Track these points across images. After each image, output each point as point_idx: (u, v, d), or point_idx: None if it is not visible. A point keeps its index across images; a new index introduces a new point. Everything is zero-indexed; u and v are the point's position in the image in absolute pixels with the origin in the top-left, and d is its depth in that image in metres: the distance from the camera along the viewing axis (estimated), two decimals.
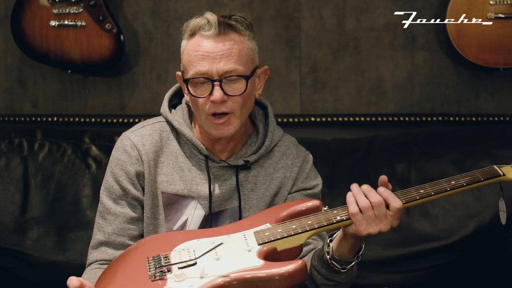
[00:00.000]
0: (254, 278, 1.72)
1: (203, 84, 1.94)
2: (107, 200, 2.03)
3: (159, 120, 2.10)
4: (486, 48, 2.95)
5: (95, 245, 2.03)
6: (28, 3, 3.02)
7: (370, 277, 2.67)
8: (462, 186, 1.82)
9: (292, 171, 2.09)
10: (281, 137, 2.12)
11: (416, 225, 2.69)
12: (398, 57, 3.12)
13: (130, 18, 3.13)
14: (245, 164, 2.04)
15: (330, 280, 1.91)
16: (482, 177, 1.83)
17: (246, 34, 1.98)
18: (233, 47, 1.95)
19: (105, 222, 2.02)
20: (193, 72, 1.95)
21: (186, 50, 1.99)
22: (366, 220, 1.78)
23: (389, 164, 2.75)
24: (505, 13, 2.91)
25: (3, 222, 2.73)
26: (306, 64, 3.13)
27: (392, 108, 3.12)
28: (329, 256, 1.87)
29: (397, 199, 1.79)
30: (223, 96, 1.92)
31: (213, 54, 1.93)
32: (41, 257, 2.70)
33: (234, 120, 1.96)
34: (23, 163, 2.79)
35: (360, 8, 3.11)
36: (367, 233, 1.78)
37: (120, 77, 3.16)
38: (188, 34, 1.99)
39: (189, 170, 2.03)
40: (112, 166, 2.05)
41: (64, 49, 3.03)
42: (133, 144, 2.03)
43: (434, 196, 1.81)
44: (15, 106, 3.20)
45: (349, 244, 1.85)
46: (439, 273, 2.68)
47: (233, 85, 1.94)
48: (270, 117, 2.10)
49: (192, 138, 2.03)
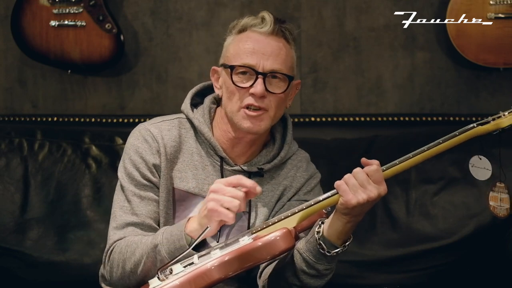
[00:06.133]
0: (243, 251, 1.78)
1: (246, 75, 1.98)
2: (130, 185, 2.03)
3: (179, 116, 2.11)
4: (486, 48, 2.95)
5: (120, 226, 2.01)
6: (28, 3, 3.02)
7: (370, 277, 2.67)
8: (439, 144, 1.86)
9: (298, 182, 2.11)
10: (295, 151, 2.15)
11: (416, 225, 2.70)
12: (398, 57, 3.12)
13: (130, 18, 3.13)
14: (259, 172, 2.06)
15: (311, 267, 1.91)
16: (457, 132, 1.87)
17: (293, 45, 2.04)
18: (282, 49, 2.00)
19: (131, 204, 2.01)
20: (240, 62, 1.98)
21: (233, 43, 2.02)
22: (351, 189, 1.81)
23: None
24: (505, 13, 2.91)
25: (3, 222, 2.73)
26: (306, 64, 3.13)
27: (392, 108, 3.12)
28: (318, 235, 1.89)
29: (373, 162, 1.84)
30: (264, 91, 1.96)
31: (263, 50, 1.97)
32: (41, 257, 2.70)
33: (267, 118, 1.99)
34: (23, 163, 2.79)
35: (360, 8, 3.11)
36: (357, 202, 1.80)
37: (120, 77, 3.16)
38: (238, 30, 2.03)
39: (203, 169, 2.05)
40: (131, 153, 2.05)
41: (64, 49, 3.03)
42: (153, 136, 2.05)
43: (413, 158, 1.85)
44: (15, 106, 3.20)
45: (341, 223, 1.86)
46: (439, 273, 2.68)
47: (275, 83, 1.98)
48: (289, 130, 2.13)
49: (210, 138, 2.04)
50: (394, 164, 1.85)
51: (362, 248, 2.67)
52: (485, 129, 1.88)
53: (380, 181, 1.82)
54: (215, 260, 1.77)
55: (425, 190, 2.72)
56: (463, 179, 2.69)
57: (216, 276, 1.76)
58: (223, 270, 1.76)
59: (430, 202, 2.71)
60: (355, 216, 1.85)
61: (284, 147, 2.10)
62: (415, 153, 1.86)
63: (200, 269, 1.77)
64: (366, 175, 1.81)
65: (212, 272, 1.76)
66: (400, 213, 2.71)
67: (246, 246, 1.79)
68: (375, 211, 2.71)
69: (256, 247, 1.78)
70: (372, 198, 1.81)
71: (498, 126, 1.89)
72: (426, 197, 2.71)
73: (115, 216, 2.03)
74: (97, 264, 2.19)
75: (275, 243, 1.78)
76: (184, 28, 3.14)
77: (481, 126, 1.88)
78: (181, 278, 1.78)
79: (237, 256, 1.77)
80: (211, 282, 1.76)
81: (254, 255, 1.78)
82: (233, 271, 1.77)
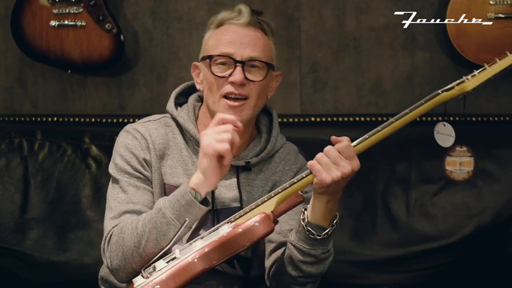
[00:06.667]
0: (223, 239, 1.79)
1: (225, 65, 2.00)
2: (123, 177, 2.02)
3: (164, 116, 2.14)
4: (486, 48, 2.95)
5: (117, 215, 1.98)
6: (28, 3, 3.02)
7: (370, 277, 2.67)
8: (406, 114, 1.90)
9: (287, 176, 2.12)
10: (283, 144, 2.16)
11: (416, 225, 2.70)
12: (398, 57, 3.11)
13: (130, 18, 3.13)
14: (246, 166, 2.07)
15: (307, 254, 1.91)
16: (423, 100, 1.90)
17: (271, 38, 2.07)
18: (259, 39, 2.03)
19: (127, 195, 2.00)
20: (218, 52, 2.01)
21: (211, 36, 2.06)
22: (324, 167, 1.81)
23: (389, 164, 2.75)
24: (505, 13, 2.91)
25: (3, 222, 2.73)
26: (306, 64, 3.13)
27: (392, 108, 3.12)
28: (304, 222, 1.89)
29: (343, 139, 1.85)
30: (244, 78, 1.98)
31: (241, 39, 2.01)
32: (41, 257, 2.70)
33: (248, 107, 2.01)
34: (23, 163, 2.79)
35: (360, 8, 3.11)
36: (331, 180, 1.80)
37: (120, 77, 3.16)
38: (216, 25, 2.07)
39: (193, 164, 2.06)
40: (121, 150, 2.06)
41: (64, 49, 3.03)
42: (141, 134, 2.07)
43: (383, 131, 1.87)
44: (15, 106, 3.20)
45: (322, 203, 1.87)
46: (439, 273, 2.68)
47: (254, 71, 2.01)
48: (275, 123, 2.15)
49: (196, 135, 2.06)
50: (364, 139, 1.86)
51: (362, 248, 2.67)
52: (451, 95, 1.92)
53: (352, 157, 1.83)
54: (196, 253, 1.77)
55: (425, 190, 2.72)
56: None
57: (199, 268, 1.77)
58: (206, 261, 1.77)
59: (430, 202, 2.71)
60: (332, 194, 1.85)
61: (270, 140, 2.12)
62: (384, 126, 1.87)
63: (182, 262, 1.77)
64: (338, 152, 1.82)
65: (195, 264, 1.76)
66: (400, 213, 2.71)
67: (226, 235, 1.80)
68: (375, 211, 2.71)
69: (236, 234, 1.79)
70: (346, 174, 1.81)
71: (463, 90, 1.93)
72: (426, 197, 2.71)
73: (110, 208, 2.00)
74: (97, 264, 2.19)
75: (254, 228, 1.79)
76: (184, 28, 3.14)
77: (446, 92, 1.92)
78: (165, 274, 1.78)
79: (218, 246, 1.78)
80: (195, 274, 1.77)
81: (235, 242, 1.79)
82: (216, 260, 1.78)
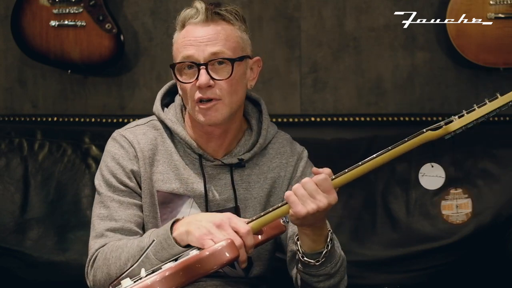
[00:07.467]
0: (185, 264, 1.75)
1: (190, 69, 1.94)
2: (107, 191, 2.00)
3: (152, 119, 2.08)
4: (486, 48, 2.95)
5: (99, 234, 1.97)
6: (28, 3, 3.02)
7: (370, 277, 2.67)
8: (388, 151, 1.83)
9: (286, 171, 2.08)
10: (275, 134, 2.11)
11: (416, 225, 2.69)
12: (398, 57, 3.12)
13: (130, 18, 3.13)
14: (239, 163, 2.03)
15: (316, 276, 1.91)
16: (406, 138, 1.83)
17: (236, 24, 1.97)
18: (220, 32, 1.94)
19: (109, 210, 1.98)
20: (180, 57, 1.94)
21: (176, 41, 1.99)
22: (300, 199, 1.77)
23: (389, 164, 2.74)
24: (505, 13, 2.91)
25: (3, 222, 2.73)
26: (306, 64, 3.13)
27: (392, 108, 3.12)
28: (300, 254, 1.89)
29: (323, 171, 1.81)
30: (209, 80, 1.91)
31: (200, 38, 1.93)
32: (41, 257, 2.70)
33: (222, 107, 1.94)
34: (23, 163, 2.79)
35: (360, 8, 3.11)
36: (306, 212, 1.77)
37: (120, 77, 3.16)
38: (179, 26, 2.00)
39: (184, 169, 2.02)
40: (108, 160, 2.02)
41: (64, 49, 3.03)
42: (129, 142, 2.02)
43: (362, 166, 1.81)
44: (15, 106, 3.20)
45: (307, 235, 1.86)
46: (439, 273, 2.68)
47: (220, 69, 1.93)
48: (264, 113, 2.08)
49: (185, 137, 2.01)
50: (343, 173, 1.81)
51: (362, 248, 2.67)
52: (436, 134, 1.85)
53: (329, 190, 1.78)
54: (157, 276, 1.74)
55: (425, 190, 2.71)
56: (463, 179, 2.69)
57: None
58: (165, 285, 1.72)
59: (430, 202, 2.71)
60: (310, 225, 1.83)
61: (262, 132, 2.06)
62: (364, 161, 1.81)
63: (141, 284, 1.74)
64: (315, 184, 1.78)
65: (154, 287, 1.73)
66: (400, 213, 2.71)
67: (190, 258, 1.76)
68: (375, 211, 2.71)
69: (201, 258, 1.75)
70: (321, 208, 1.77)
71: (447, 130, 1.85)
72: (426, 197, 2.71)
73: (93, 226, 2.00)
74: None
75: (220, 253, 1.75)
76: None
77: (431, 132, 1.84)
78: None
79: (180, 269, 1.74)
80: None
81: (200, 267, 1.74)
82: (177, 284, 1.73)
